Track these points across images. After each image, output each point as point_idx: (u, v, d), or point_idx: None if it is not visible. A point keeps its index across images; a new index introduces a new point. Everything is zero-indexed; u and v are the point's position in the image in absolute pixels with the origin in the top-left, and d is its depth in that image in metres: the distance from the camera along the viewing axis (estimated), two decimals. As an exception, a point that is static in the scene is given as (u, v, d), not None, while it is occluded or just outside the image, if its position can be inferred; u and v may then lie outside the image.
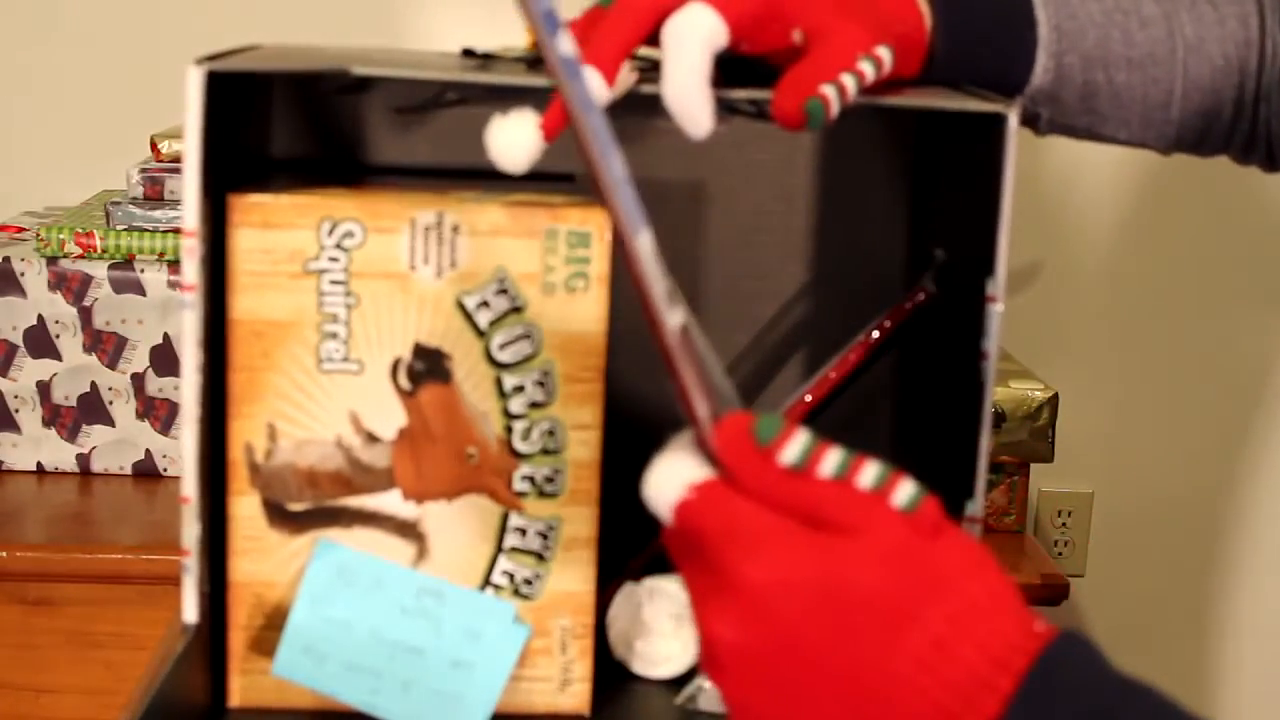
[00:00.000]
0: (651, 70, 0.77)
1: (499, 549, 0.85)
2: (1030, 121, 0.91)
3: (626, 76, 0.76)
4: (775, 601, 0.57)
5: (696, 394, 0.59)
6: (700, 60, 0.74)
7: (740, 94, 0.78)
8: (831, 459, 0.58)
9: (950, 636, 0.56)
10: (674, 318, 0.58)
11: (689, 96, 0.74)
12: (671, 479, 0.59)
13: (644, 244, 0.57)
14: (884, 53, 0.78)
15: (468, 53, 0.92)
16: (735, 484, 0.58)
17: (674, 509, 0.59)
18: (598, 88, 0.75)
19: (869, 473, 0.57)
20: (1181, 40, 0.89)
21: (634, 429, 0.77)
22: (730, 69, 0.78)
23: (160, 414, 1.39)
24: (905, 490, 0.57)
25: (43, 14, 1.70)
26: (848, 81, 0.76)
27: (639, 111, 0.76)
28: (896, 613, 0.56)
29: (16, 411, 1.39)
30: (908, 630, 0.56)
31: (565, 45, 0.54)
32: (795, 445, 0.58)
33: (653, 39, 0.76)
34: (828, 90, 0.75)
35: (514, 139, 0.75)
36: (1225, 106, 0.91)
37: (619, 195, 0.56)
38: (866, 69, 0.77)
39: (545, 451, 0.84)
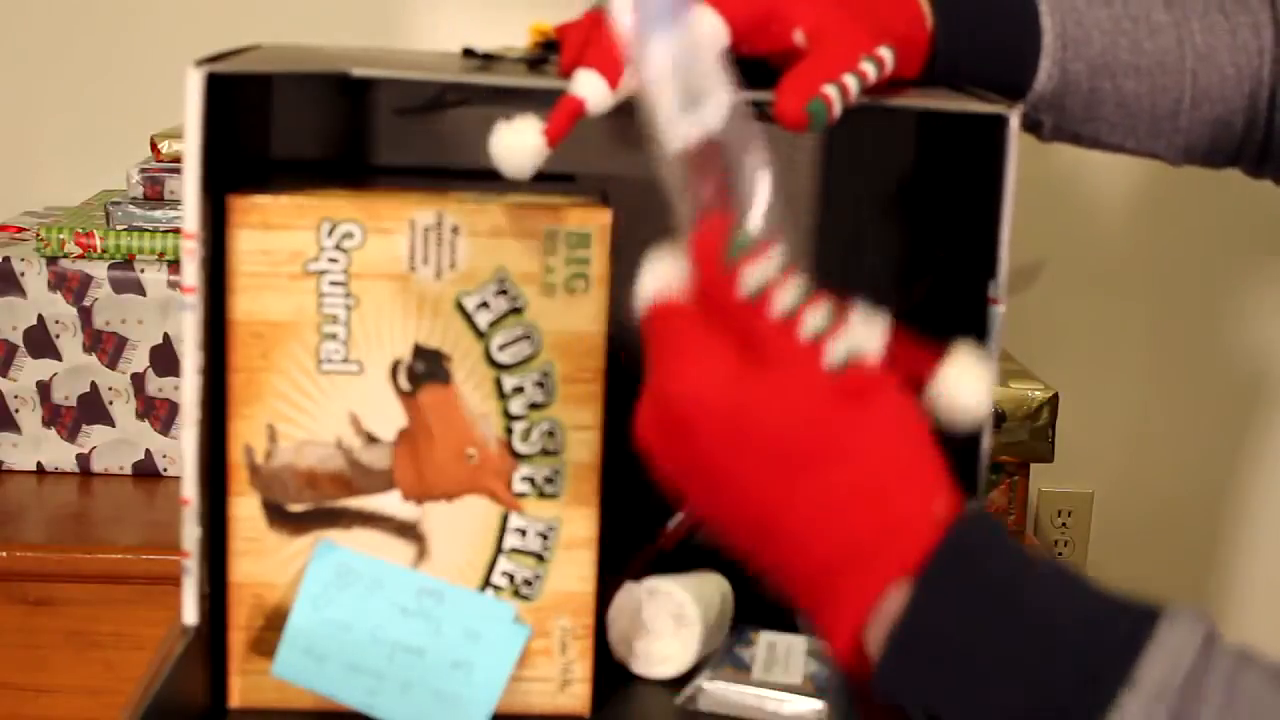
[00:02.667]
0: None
1: (499, 550, 0.85)
2: (1034, 128, 0.91)
3: (630, 80, 0.76)
4: (685, 417, 0.58)
5: (694, 197, 0.60)
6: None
7: (741, 95, 0.78)
8: (785, 295, 0.58)
9: (843, 505, 0.57)
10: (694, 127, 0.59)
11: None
12: (652, 277, 0.61)
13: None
14: (886, 53, 0.78)
15: (468, 53, 0.92)
16: (697, 293, 0.60)
17: (645, 307, 0.61)
18: (600, 90, 0.75)
19: (812, 320, 0.58)
20: (1191, 49, 0.89)
21: (634, 430, 0.76)
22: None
23: (160, 414, 1.39)
24: (839, 346, 0.58)
25: (42, 14, 1.70)
26: (850, 82, 0.76)
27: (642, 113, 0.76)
28: (791, 464, 0.57)
29: (16, 411, 1.39)
30: (798, 485, 0.57)
31: None
32: (756, 272, 0.58)
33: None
34: (830, 91, 0.75)
35: (518, 144, 0.75)
36: (1236, 116, 0.91)
37: None
38: (868, 69, 0.77)
39: (545, 452, 0.84)
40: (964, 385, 0.61)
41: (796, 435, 0.57)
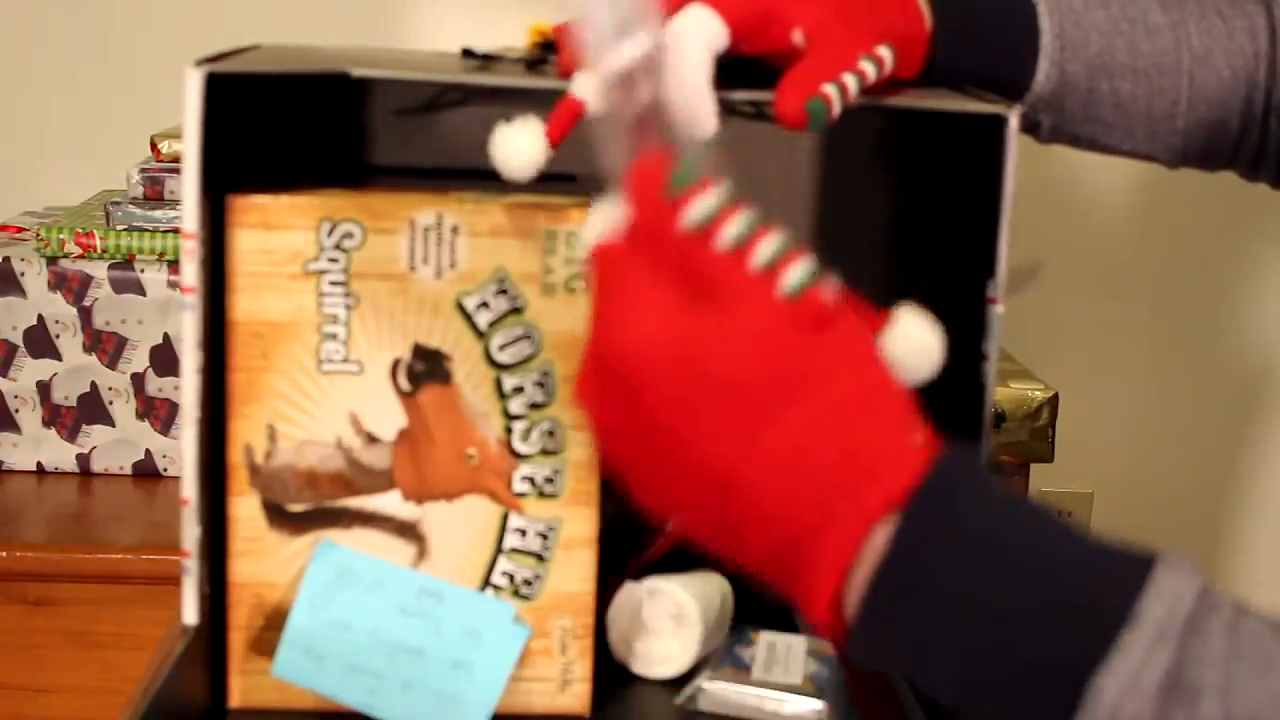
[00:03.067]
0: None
1: (499, 549, 0.85)
2: (1032, 129, 0.91)
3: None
4: (630, 371, 0.54)
5: (630, 135, 0.57)
6: (701, 62, 0.74)
7: (740, 95, 0.78)
8: (733, 227, 0.55)
9: (813, 442, 0.53)
10: (616, 60, 0.56)
11: (691, 98, 0.74)
12: (596, 223, 0.58)
13: None
14: (885, 52, 0.78)
15: (467, 53, 0.92)
16: (636, 233, 0.56)
17: (590, 254, 0.57)
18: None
19: (764, 250, 0.55)
20: (1188, 51, 0.89)
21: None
22: (730, 70, 0.78)
23: (160, 414, 1.39)
24: (794, 274, 0.55)
25: (42, 14, 1.70)
26: (849, 81, 0.76)
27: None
28: (753, 405, 0.53)
29: (16, 411, 1.39)
30: (764, 427, 0.53)
31: None
32: (701, 204, 0.55)
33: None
34: (829, 90, 0.75)
35: (520, 146, 0.75)
36: (1232, 118, 0.91)
37: None
38: (868, 69, 0.77)
39: (545, 452, 0.84)
40: (912, 339, 0.58)
41: (756, 370, 0.53)
